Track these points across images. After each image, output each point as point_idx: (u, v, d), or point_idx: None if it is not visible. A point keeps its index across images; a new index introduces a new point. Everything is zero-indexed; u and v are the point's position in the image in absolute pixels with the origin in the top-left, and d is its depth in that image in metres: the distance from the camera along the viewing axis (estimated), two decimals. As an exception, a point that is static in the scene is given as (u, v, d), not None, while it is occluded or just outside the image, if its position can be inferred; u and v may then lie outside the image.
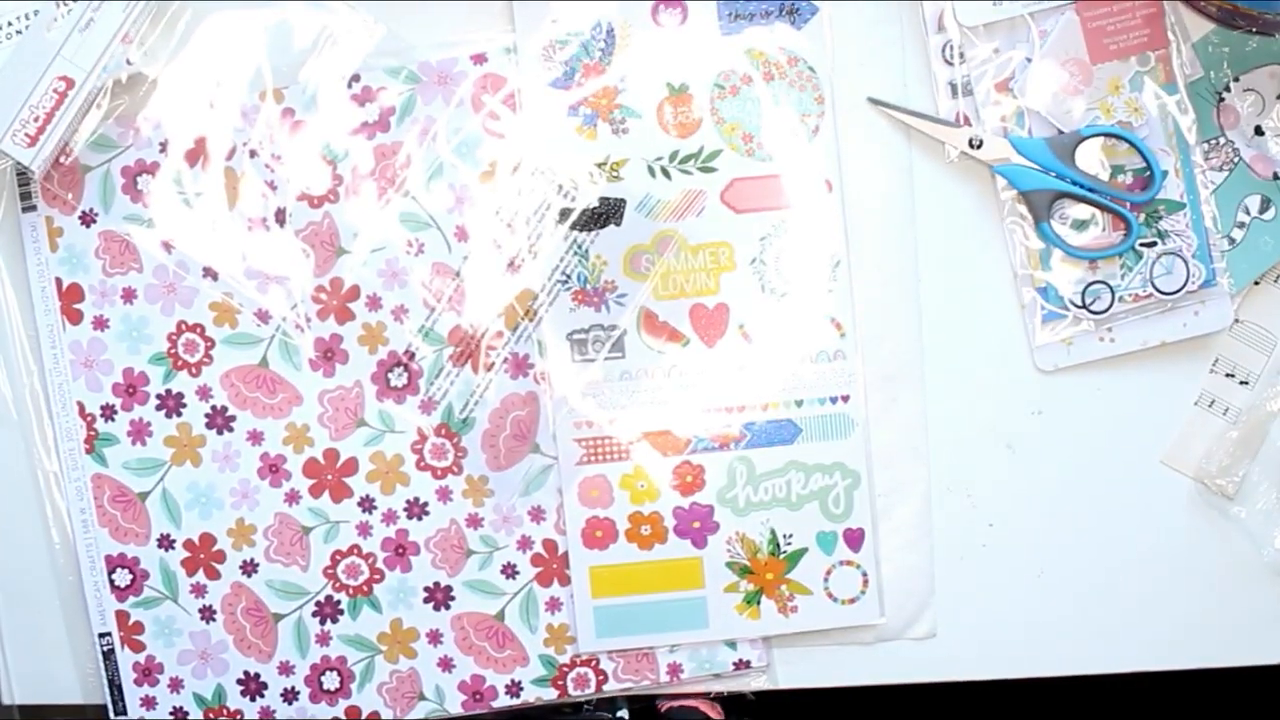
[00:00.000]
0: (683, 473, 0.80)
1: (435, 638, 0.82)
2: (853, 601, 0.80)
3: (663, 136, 0.80)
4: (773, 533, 0.80)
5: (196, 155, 0.81)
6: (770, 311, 0.80)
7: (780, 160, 0.79)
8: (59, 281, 0.82)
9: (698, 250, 0.80)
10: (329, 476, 0.82)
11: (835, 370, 0.80)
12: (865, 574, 0.80)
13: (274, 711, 0.83)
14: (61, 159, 0.81)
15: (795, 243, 0.79)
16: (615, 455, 0.81)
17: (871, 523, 0.80)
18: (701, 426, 0.80)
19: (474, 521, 0.82)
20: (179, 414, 0.82)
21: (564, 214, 0.80)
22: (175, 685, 0.83)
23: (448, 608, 0.82)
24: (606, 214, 0.79)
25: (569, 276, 0.80)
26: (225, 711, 0.83)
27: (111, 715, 0.84)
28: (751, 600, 0.81)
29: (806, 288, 0.80)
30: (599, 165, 0.80)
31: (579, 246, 0.80)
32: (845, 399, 0.80)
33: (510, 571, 0.82)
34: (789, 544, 0.80)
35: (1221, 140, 0.79)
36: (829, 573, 0.80)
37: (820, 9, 0.79)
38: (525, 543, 0.81)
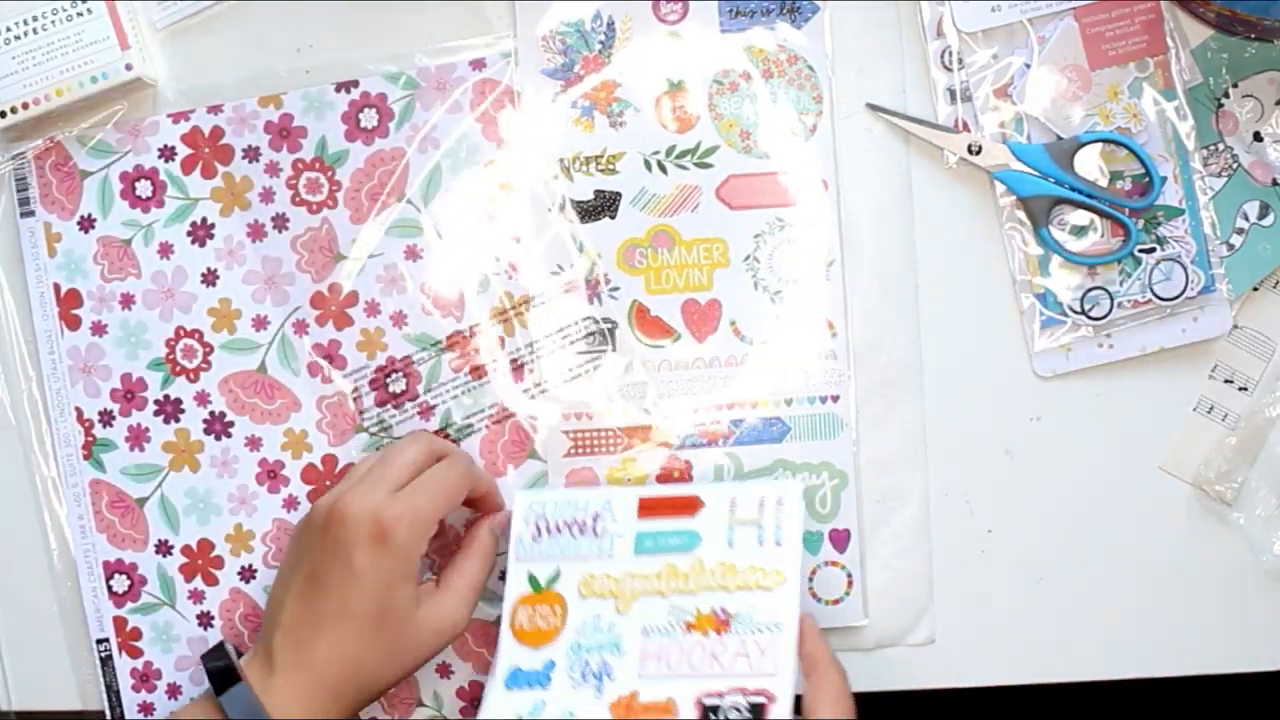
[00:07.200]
0: (670, 468, 0.80)
1: (433, 644, 0.82)
2: (837, 602, 0.79)
3: (660, 131, 0.80)
4: None
5: (195, 161, 0.81)
6: (762, 309, 0.80)
7: (777, 158, 0.79)
8: (57, 287, 0.82)
9: (692, 246, 0.80)
10: (328, 482, 0.81)
11: (826, 370, 0.79)
12: (850, 575, 0.79)
13: (271, 718, 0.82)
14: (60, 164, 0.81)
15: (790, 241, 0.79)
16: (603, 448, 0.80)
17: (858, 524, 0.80)
18: (690, 422, 0.80)
19: (471, 527, 0.81)
20: (177, 420, 0.82)
21: (559, 206, 0.80)
22: (173, 691, 0.83)
23: (445, 614, 0.82)
24: (601, 207, 0.79)
25: (562, 268, 0.80)
26: (223, 718, 0.83)
27: (109, 721, 0.84)
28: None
29: (800, 287, 0.79)
30: (595, 158, 0.80)
31: (573, 239, 0.80)
32: (835, 399, 0.79)
33: (508, 578, 0.81)
34: (775, 543, 0.80)
35: (1220, 146, 0.79)
36: (814, 572, 0.79)
37: (821, 8, 0.79)
38: (523, 549, 0.81)
